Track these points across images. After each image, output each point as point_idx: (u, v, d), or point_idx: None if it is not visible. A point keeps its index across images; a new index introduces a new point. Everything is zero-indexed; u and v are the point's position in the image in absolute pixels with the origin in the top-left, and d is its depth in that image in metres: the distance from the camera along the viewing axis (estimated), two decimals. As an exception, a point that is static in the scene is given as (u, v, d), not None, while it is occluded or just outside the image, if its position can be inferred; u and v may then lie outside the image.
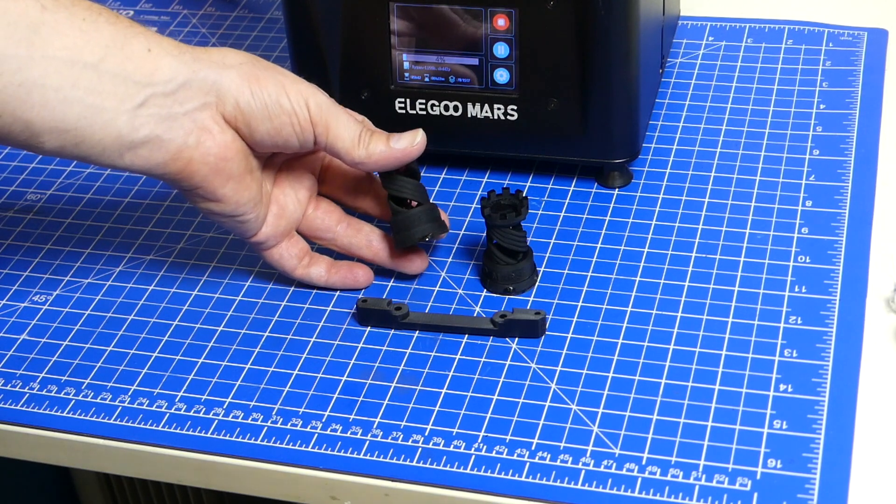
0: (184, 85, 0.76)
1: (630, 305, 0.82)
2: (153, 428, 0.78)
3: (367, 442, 0.75)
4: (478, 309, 0.84)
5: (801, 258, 0.84)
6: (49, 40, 0.73)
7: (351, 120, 0.81)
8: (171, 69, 0.76)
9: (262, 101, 0.78)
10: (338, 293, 0.85)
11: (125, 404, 0.79)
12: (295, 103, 0.79)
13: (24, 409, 0.80)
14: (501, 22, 0.87)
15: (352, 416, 0.77)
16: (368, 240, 0.86)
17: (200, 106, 0.77)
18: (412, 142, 0.82)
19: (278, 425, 0.77)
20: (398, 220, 0.83)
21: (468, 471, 0.73)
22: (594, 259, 0.86)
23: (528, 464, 0.73)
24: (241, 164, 0.79)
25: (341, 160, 0.82)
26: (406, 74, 0.90)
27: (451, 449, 0.74)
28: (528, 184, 0.93)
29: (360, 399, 0.78)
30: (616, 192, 0.91)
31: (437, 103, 0.90)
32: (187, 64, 0.77)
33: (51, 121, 0.73)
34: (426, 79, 0.90)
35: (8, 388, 0.81)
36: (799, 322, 0.80)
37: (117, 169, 0.78)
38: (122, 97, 0.75)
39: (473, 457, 0.74)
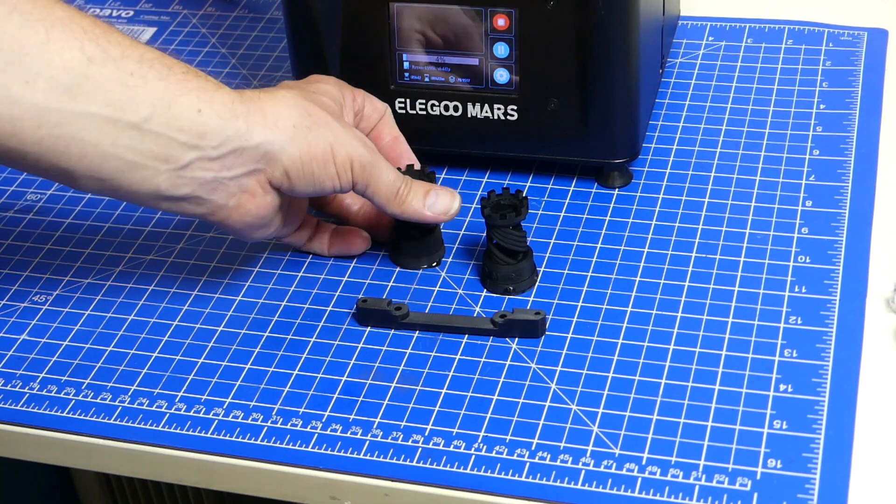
0: (234, 152, 0.75)
1: (630, 305, 0.82)
2: (153, 428, 0.78)
3: (367, 442, 0.75)
4: (478, 309, 0.84)
5: (801, 258, 0.84)
6: (92, 96, 0.71)
7: (391, 174, 0.81)
8: (222, 134, 0.74)
9: (311, 170, 0.77)
10: (338, 293, 0.85)
11: (125, 404, 0.79)
12: (340, 168, 0.78)
13: (24, 409, 0.80)
14: (501, 22, 0.87)
15: (352, 416, 0.77)
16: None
17: (248, 172, 0.76)
18: (447, 209, 0.83)
19: (278, 425, 0.77)
20: (408, 246, 0.85)
21: (468, 471, 0.73)
22: (594, 259, 0.86)
23: (528, 464, 0.73)
24: (274, 214, 0.80)
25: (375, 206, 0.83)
26: (406, 74, 0.90)
27: (451, 449, 0.74)
28: (528, 184, 0.93)
29: (360, 399, 0.78)
30: (616, 192, 0.91)
31: (437, 103, 0.90)
32: (239, 129, 0.75)
33: (87, 171, 0.73)
34: (426, 79, 0.90)
35: (8, 388, 0.81)
36: (799, 322, 0.80)
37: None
38: (166, 157, 0.73)
39: (473, 457, 0.74)
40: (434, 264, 0.86)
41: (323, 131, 0.78)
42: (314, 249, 0.87)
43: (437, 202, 0.82)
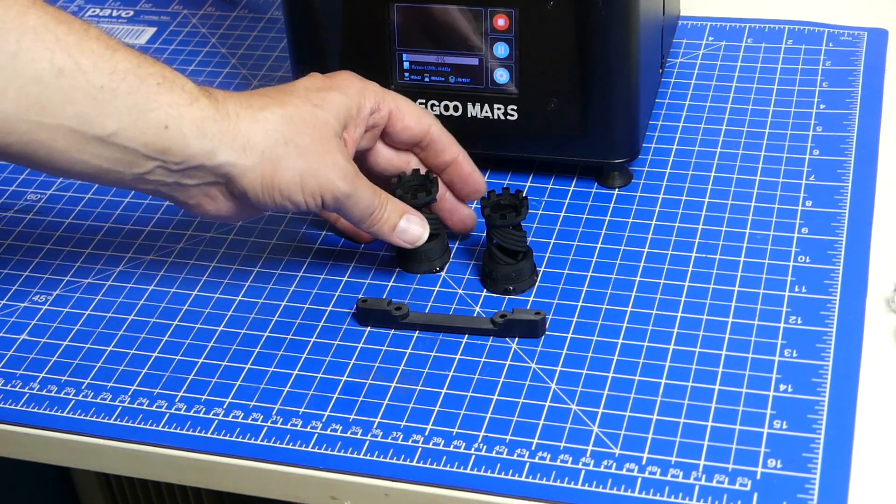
0: (196, 167, 0.75)
1: (630, 305, 0.82)
2: (153, 428, 0.78)
3: (367, 442, 0.75)
4: (478, 309, 0.83)
5: (801, 258, 0.84)
6: (60, 108, 0.71)
7: (366, 200, 0.80)
8: (185, 153, 0.74)
9: (272, 196, 0.77)
10: (338, 293, 0.85)
11: (125, 404, 0.79)
12: (308, 198, 0.78)
13: (24, 409, 0.80)
14: (501, 22, 0.87)
15: (352, 416, 0.77)
16: None
17: (209, 183, 0.76)
18: (415, 240, 0.83)
19: (278, 425, 0.77)
20: (412, 251, 0.85)
21: (468, 471, 0.73)
22: (594, 259, 0.86)
23: (528, 464, 0.73)
24: (238, 214, 0.80)
25: None
26: (406, 74, 0.90)
27: (451, 449, 0.74)
28: (528, 184, 0.93)
29: (360, 399, 0.78)
30: (616, 192, 0.91)
31: (437, 103, 0.90)
32: (204, 148, 0.74)
33: (55, 170, 0.74)
34: (426, 79, 0.90)
35: (8, 388, 0.81)
36: (799, 322, 0.80)
37: None
38: (129, 164, 0.74)
39: (473, 457, 0.74)
40: (437, 269, 0.86)
41: (296, 162, 0.77)
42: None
43: (407, 230, 0.82)
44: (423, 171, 0.86)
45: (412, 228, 0.82)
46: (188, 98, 0.74)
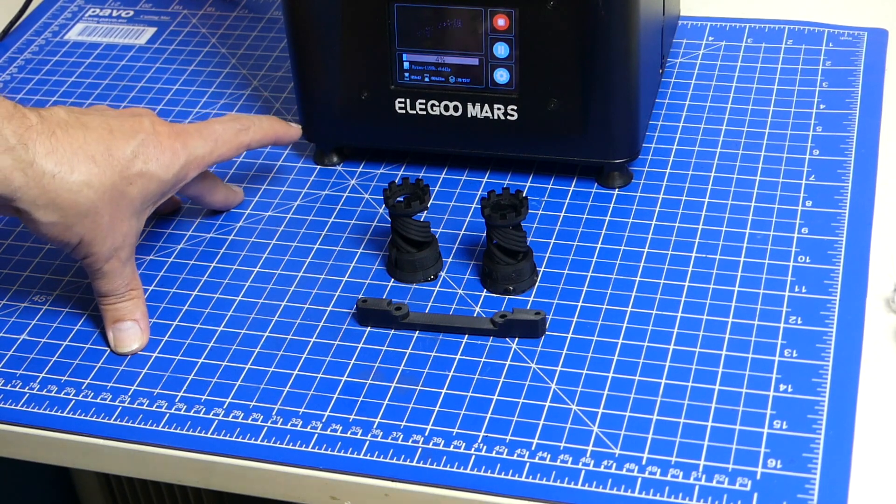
0: None
1: (630, 305, 0.82)
2: (153, 428, 0.78)
3: (367, 442, 0.75)
4: (478, 309, 0.84)
5: (801, 258, 0.84)
6: None
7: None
8: None
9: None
10: (338, 293, 0.85)
11: (125, 404, 0.79)
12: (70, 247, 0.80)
13: (24, 409, 0.80)
14: (501, 22, 0.87)
15: (352, 416, 0.77)
16: None
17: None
18: (121, 346, 0.83)
19: (278, 425, 0.77)
20: (406, 260, 0.85)
21: (468, 471, 0.73)
22: (594, 259, 0.86)
23: (528, 464, 0.73)
24: None
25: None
26: (406, 74, 0.90)
27: (451, 449, 0.74)
28: (528, 184, 0.93)
29: (360, 399, 0.78)
30: (616, 192, 0.91)
31: (437, 103, 0.90)
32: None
33: None
34: (426, 79, 0.90)
35: (8, 388, 0.81)
36: (799, 322, 0.80)
37: None
38: None
39: (473, 457, 0.74)
40: (431, 278, 0.86)
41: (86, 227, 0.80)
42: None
43: (125, 331, 0.84)
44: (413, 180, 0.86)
45: (127, 335, 0.83)
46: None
